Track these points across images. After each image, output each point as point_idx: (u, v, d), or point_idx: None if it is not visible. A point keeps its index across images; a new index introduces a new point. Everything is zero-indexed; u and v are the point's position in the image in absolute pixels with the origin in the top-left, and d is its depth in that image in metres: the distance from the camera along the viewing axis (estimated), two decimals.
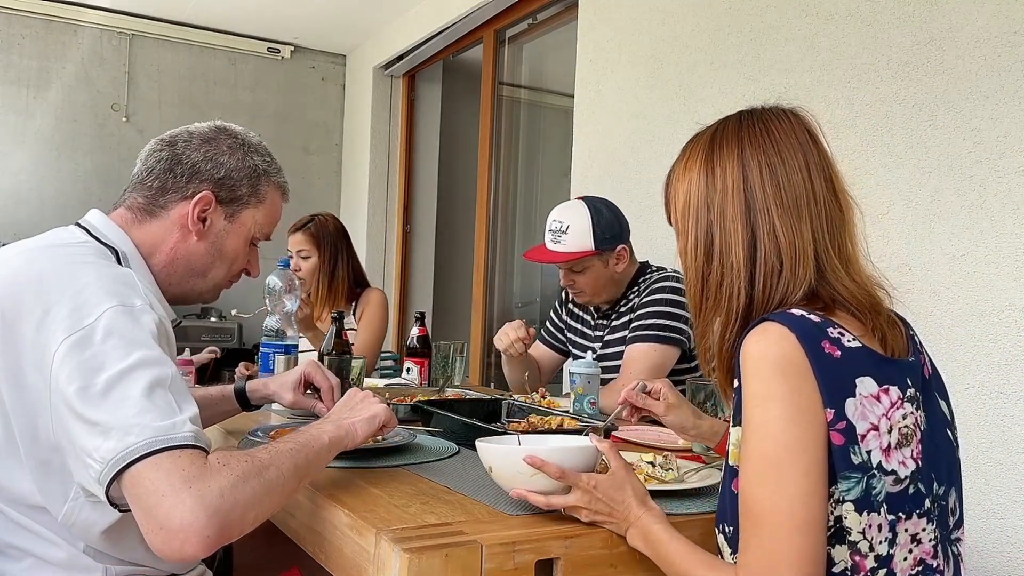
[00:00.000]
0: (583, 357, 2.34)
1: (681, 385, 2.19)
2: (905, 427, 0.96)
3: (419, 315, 2.43)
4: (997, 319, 1.81)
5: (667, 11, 2.81)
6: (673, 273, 2.27)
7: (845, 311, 1.01)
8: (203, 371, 2.39)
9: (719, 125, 1.11)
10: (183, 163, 1.31)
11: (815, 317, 0.97)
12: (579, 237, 2.16)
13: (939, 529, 0.99)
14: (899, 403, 0.97)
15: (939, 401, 1.06)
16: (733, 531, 0.99)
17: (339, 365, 1.78)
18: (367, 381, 2.30)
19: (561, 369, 2.70)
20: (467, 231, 4.54)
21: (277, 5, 4.68)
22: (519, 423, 1.72)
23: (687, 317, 2.18)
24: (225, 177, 1.32)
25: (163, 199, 1.30)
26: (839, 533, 0.93)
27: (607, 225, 2.18)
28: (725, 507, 1.02)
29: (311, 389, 1.66)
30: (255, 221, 1.37)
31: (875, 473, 0.93)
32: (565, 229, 2.18)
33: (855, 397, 0.94)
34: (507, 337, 2.19)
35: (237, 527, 0.98)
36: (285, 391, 1.63)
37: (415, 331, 2.40)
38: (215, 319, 4.89)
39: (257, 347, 2.39)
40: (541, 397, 2.10)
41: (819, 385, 0.92)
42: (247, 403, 1.65)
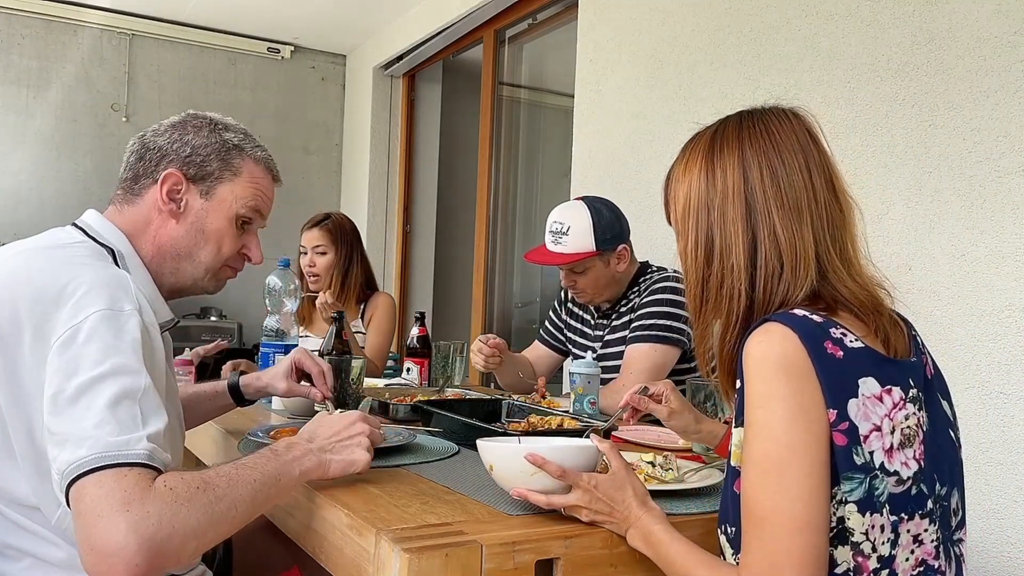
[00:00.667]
0: (583, 357, 2.34)
1: (681, 385, 2.19)
2: (907, 428, 0.96)
3: (419, 315, 2.43)
4: (997, 319, 1.81)
5: (667, 11, 2.80)
6: (673, 273, 2.26)
7: (847, 312, 1.01)
8: (203, 369, 2.39)
9: (719, 125, 1.10)
10: (151, 149, 1.31)
11: (817, 317, 0.97)
12: (580, 238, 2.16)
13: (941, 530, 0.99)
14: (901, 404, 0.97)
15: (941, 401, 1.06)
16: (735, 531, 0.99)
17: (339, 365, 1.78)
18: (367, 381, 2.30)
19: (561, 369, 2.70)
20: (467, 231, 4.54)
21: (277, 5, 4.68)
22: (519, 423, 1.72)
23: (687, 317, 2.17)
24: (192, 154, 1.31)
25: (136, 186, 1.31)
26: (841, 534, 0.93)
27: (608, 225, 2.18)
28: (727, 507, 1.01)
29: (303, 377, 1.66)
30: (235, 196, 1.34)
31: (878, 474, 0.93)
32: (566, 230, 2.17)
33: (858, 398, 0.93)
34: (480, 356, 2.22)
35: (172, 558, 0.95)
36: (278, 381, 1.64)
37: (415, 331, 2.40)
38: (215, 318, 4.89)
39: (257, 347, 2.39)
40: (541, 397, 2.10)
41: (822, 386, 0.92)
42: (241, 398, 1.65)
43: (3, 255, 1.21)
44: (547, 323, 2.56)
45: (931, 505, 0.98)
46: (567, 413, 1.75)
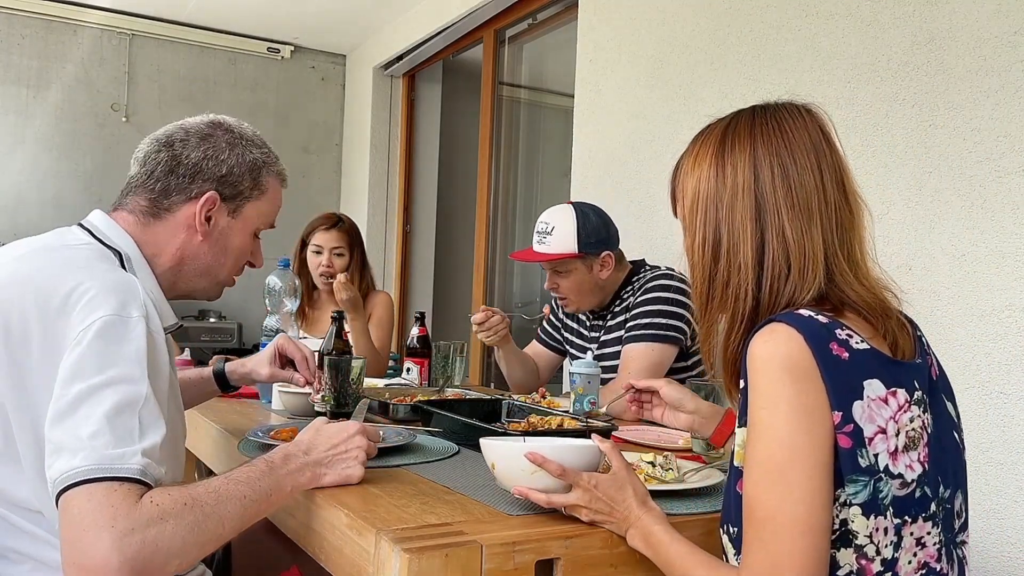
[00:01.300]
0: (582, 357, 2.34)
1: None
2: (912, 430, 0.96)
3: (419, 315, 2.43)
4: (997, 319, 1.81)
5: (667, 11, 2.80)
6: (667, 271, 2.26)
7: (854, 313, 1.00)
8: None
9: (731, 120, 1.08)
10: (184, 163, 1.29)
11: (823, 318, 0.96)
12: (563, 239, 2.17)
13: (944, 532, 0.99)
14: (907, 406, 0.96)
15: (946, 403, 1.06)
16: (737, 532, 0.98)
17: (339, 365, 1.78)
18: (367, 381, 2.30)
19: (561, 369, 2.71)
20: (467, 231, 4.54)
21: (277, 5, 4.68)
22: (519, 423, 1.72)
23: (684, 315, 2.17)
24: (227, 174, 1.31)
25: (167, 201, 1.29)
26: (844, 536, 0.93)
27: (592, 230, 2.19)
28: (730, 508, 1.01)
29: (287, 364, 1.73)
30: (259, 213, 1.36)
31: (882, 476, 0.92)
32: (550, 230, 2.19)
33: (863, 400, 0.93)
34: (484, 335, 2.24)
35: (156, 575, 0.95)
36: (261, 367, 1.70)
37: (415, 331, 2.40)
38: (214, 320, 4.89)
39: (257, 347, 2.39)
40: (541, 397, 2.10)
41: (826, 387, 0.91)
42: (226, 384, 1.72)
43: (8, 255, 1.20)
44: (544, 323, 2.57)
45: (934, 508, 0.97)
46: (567, 413, 1.75)
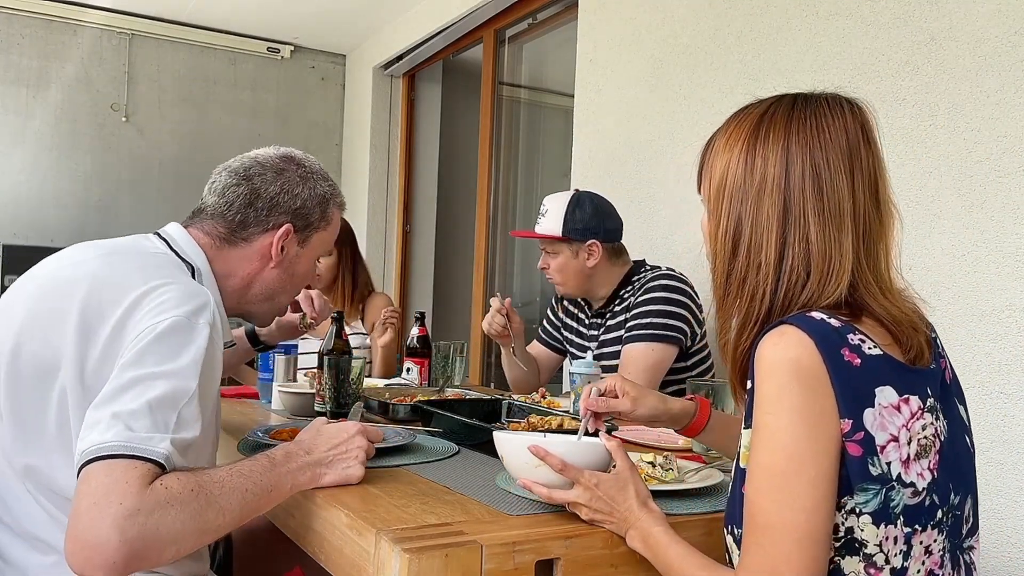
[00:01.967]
0: (582, 357, 2.34)
1: (681, 385, 2.19)
2: (924, 438, 0.94)
3: (419, 315, 2.43)
4: (997, 319, 1.81)
5: (667, 11, 2.80)
6: (668, 271, 2.27)
7: (873, 320, 0.98)
8: None
9: (770, 106, 1.04)
10: (262, 196, 1.37)
11: (836, 322, 0.94)
12: (552, 221, 2.29)
13: (950, 538, 0.98)
14: (919, 414, 0.94)
15: (958, 406, 1.04)
16: (742, 533, 0.97)
17: (339, 365, 1.78)
18: (367, 381, 2.30)
19: (561, 369, 2.71)
20: (467, 231, 4.54)
21: (277, 5, 4.67)
22: (519, 423, 1.72)
23: (684, 315, 2.17)
24: (300, 207, 1.40)
25: (245, 232, 1.37)
26: (850, 544, 0.92)
27: (581, 217, 2.25)
28: (735, 508, 1.00)
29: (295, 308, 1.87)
30: (322, 242, 1.46)
31: (894, 485, 0.91)
32: (545, 212, 2.32)
33: (874, 407, 0.91)
34: (488, 317, 2.30)
35: (152, 559, 0.97)
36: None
37: (415, 331, 2.40)
38: None
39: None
40: (541, 397, 2.10)
41: (836, 394, 0.90)
42: (257, 341, 1.93)
43: (88, 254, 1.26)
44: (544, 322, 2.57)
45: (940, 515, 0.96)
46: (567, 413, 1.75)
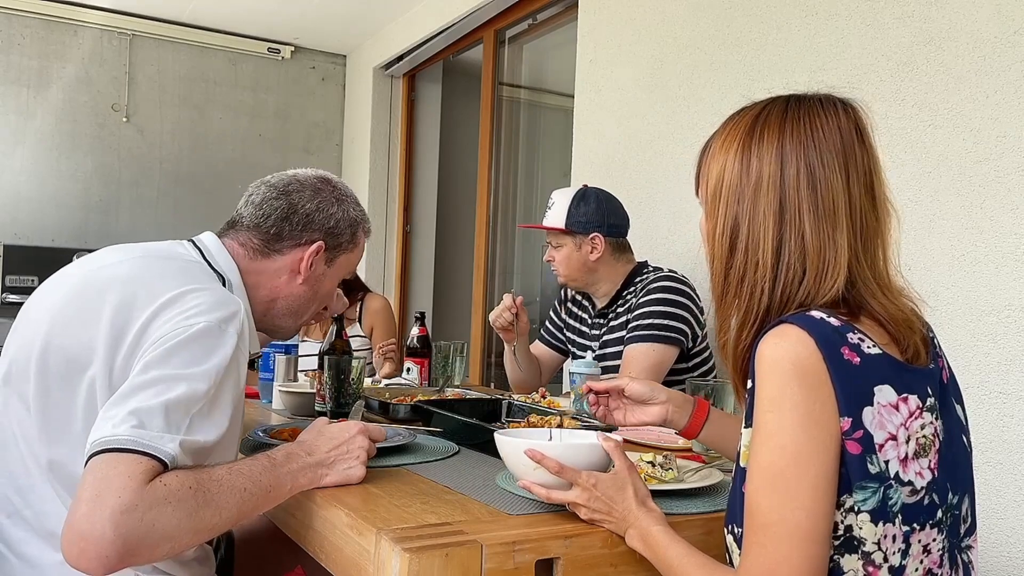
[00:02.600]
0: (583, 357, 2.35)
1: (681, 385, 2.19)
2: (923, 437, 0.95)
3: (419, 315, 2.44)
4: (997, 319, 1.81)
5: (667, 11, 2.81)
6: (670, 272, 2.27)
7: (871, 319, 0.99)
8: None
9: (764, 107, 1.05)
10: (298, 212, 1.41)
11: (835, 321, 0.94)
12: (556, 213, 2.32)
13: (949, 538, 0.98)
14: (918, 413, 0.95)
15: (955, 406, 1.04)
16: (742, 532, 0.97)
17: (339, 365, 1.78)
18: (367, 381, 2.30)
19: (561, 369, 2.71)
20: (467, 231, 4.54)
21: (277, 5, 4.68)
22: (519, 423, 1.72)
23: (685, 316, 2.18)
24: (334, 227, 1.44)
25: (279, 244, 1.41)
26: (849, 542, 0.92)
27: (585, 211, 2.28)
28: (735, 508, 1.00)
29: None
30: (348, 263, 1.49)
31: (892, 483, 0.92)
32: (551, 205, 2.37)
33: (873, 406, 0.92)
34: (497, 310, 2.32)
35: (145, 555, 0.97)
36: None
37: (415, 331, 2.40)
38: None
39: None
40: (541, 397, 2.10)
41: (836, 392, 0.90)
42: None
43: (123, 255, 1.29)
44: (547, 322, 2.57)
45: (940, 515, 0.96)
46: (567, 413, 1.75)
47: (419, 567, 0.94)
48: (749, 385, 0.97)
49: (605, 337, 2.32)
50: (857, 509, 0.91)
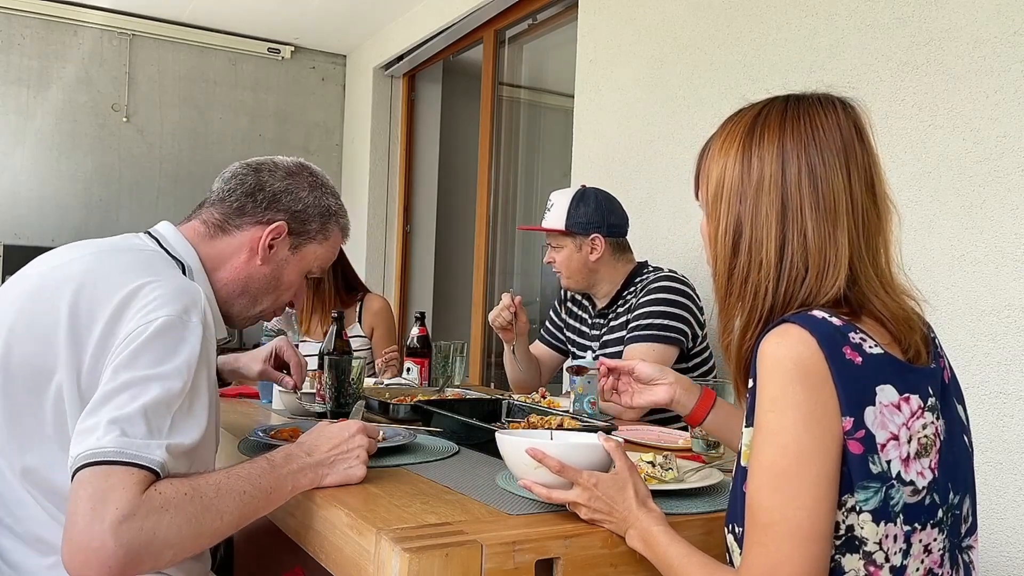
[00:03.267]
0: (583, 357, 2.35)
1: None
2: (925, 437, 0.95)
3: (419, 315, 2.44)
4: (996, 319, 1.81)
5: (667, 11, 2.81)
6: (670, 273, 2.28)
7: (873, 318, 0.99)
8: None
9: (763, 108, 1.05)
10: (265, 190, 1.38)
11: (837, 320, 0.94)
12: (556, 215, 2.32)
13: (950, 538, 0.98)
14: (920, 413, 0.95)
15: (956, 406, 1.04)
16: (743, 531, 0.98)
17: (339, 365, 1.78)
18: (367, 381, 2.30)
19: (561, 369, 2.71)
20: (467, 231, 4.54)
21: (277, 5, 4.68)
22: (519, 423, 1.72)
23: (685, 316, 2.18)
24: (301, 211, 1.39)
25: (239, 220, 1.37)
26: (850, 542, 0.92)
27: (584, 211, 2.28)
28: (736, 507, 1.00)
29: (282, 366, 1.80)
30: (316, 256, 1.44)
31: (894, 483, 0.92)
32: (551, 207, 2.37)
33: (875, 406, 0.92)
34: (496, 310, 2.32)
35: (149, 563, 0.97)
36: (255, 363, 1.78)
37: (415, 331, 2.40)
38: None
39: (257, 347, 2.39)
40: (541, 397, 2.10)
41: (838, 392, 0.90)
42: (218, 378, 1.74)
43: (76, 253, 1.26)
44: (547, 323, 2.57)
45: (941, 514, 0.96)
46: (567, 413, 1.75)
47: (419, 567, 0.94)
48: (750, 384, 0.97)
49: (605, 337, 2.32)
50: (859, 509, 0.91)
